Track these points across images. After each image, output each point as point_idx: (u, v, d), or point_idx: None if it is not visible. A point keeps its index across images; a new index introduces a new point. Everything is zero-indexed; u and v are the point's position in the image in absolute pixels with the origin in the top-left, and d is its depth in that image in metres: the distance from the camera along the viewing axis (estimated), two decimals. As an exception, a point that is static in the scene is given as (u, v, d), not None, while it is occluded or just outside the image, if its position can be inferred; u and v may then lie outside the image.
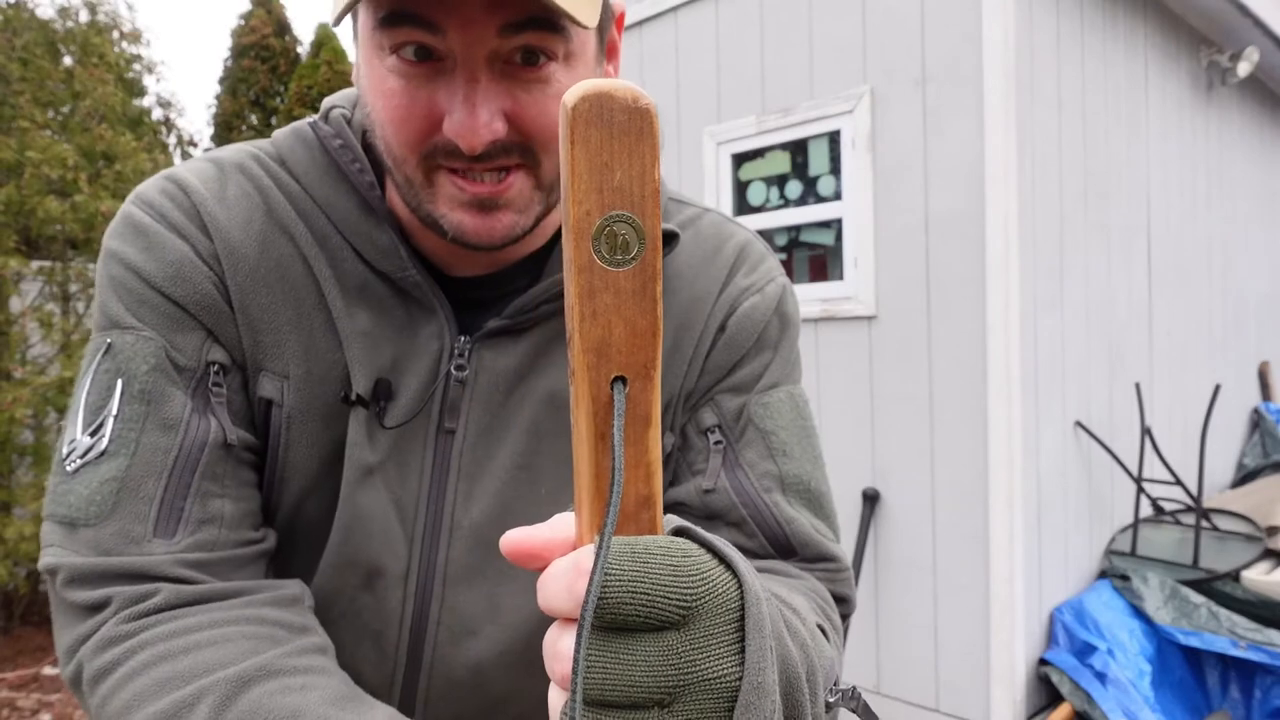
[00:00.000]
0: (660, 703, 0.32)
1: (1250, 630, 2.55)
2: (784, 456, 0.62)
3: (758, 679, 0.32)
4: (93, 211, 3.62)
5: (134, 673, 0.48)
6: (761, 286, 0.66)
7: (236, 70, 8.39)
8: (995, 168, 2.53)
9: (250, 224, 0.57)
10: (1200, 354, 3.95)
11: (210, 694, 0.46)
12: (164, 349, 0.54)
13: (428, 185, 0.53)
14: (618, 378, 0.31)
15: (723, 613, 0.33)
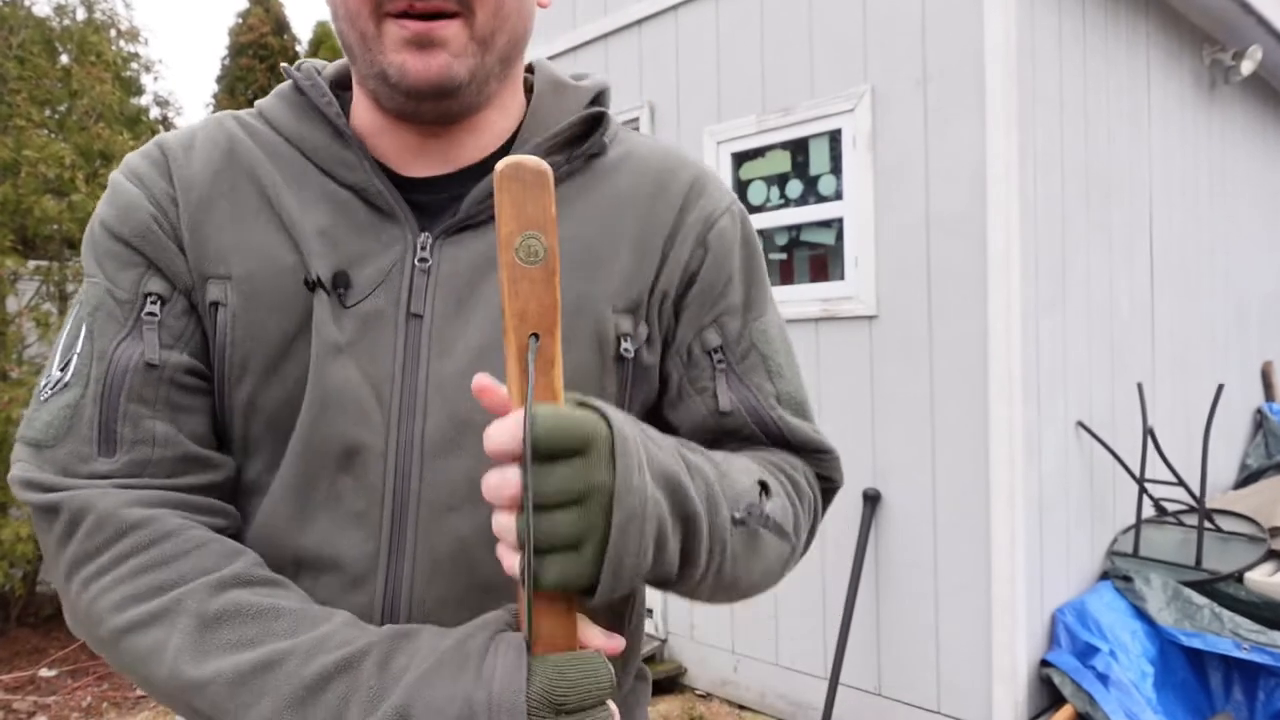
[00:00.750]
0: (575, 502, 0.47)
1: (1253, 632, 2.54)
2: (780, 378, 0.71)
3: (628, 481, 0.48)
4: (90, 211, 3.60)
5: (115, 582, 0.54)
6: (728, 206, 0.72)
7: (234, 69, 8.37)
8: (996, 167, 2.52)
9: (209, 162, 0.64)
10: (1203, 354, 3.94)
11: (193, 595, 0.53)
12: (108, 290, 0.61)
13: (377, 33, 0.59)
14: (533, 334, 0.49)
15: (605, 444, 0.48)
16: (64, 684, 3.53)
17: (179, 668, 0.52)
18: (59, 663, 3.73)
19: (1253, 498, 3.54)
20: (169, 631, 0.52)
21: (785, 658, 3.10)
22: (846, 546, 2.90)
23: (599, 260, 0.65)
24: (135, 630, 0.53)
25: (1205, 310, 3.97)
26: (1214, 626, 2.59)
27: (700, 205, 0.70)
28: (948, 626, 2.67)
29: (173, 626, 0.53)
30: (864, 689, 2.86)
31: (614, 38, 3.66)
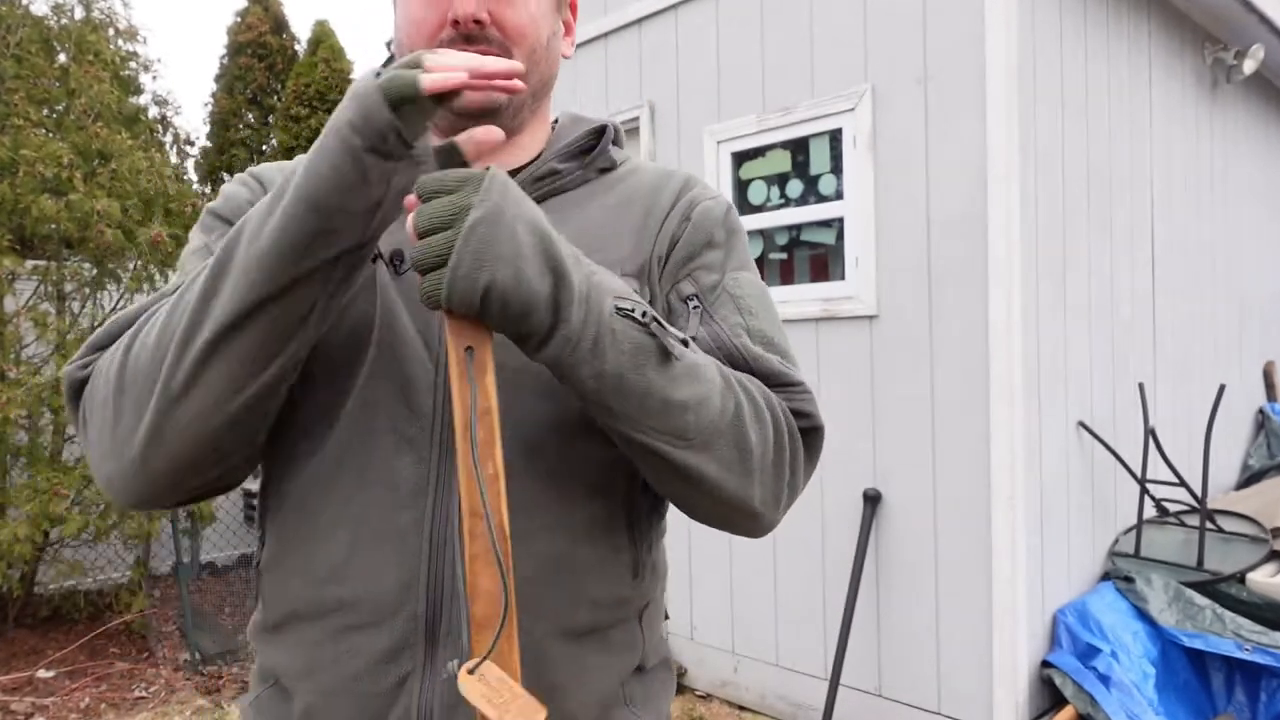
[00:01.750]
0: (446, 226, 0.58)
1: (1255, 632, 2.53)
2: (750, 315, 0.77)
3: (487, 197, 0.58)
4: (88, 210, 3.59)
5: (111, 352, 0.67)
6: (713, 196, 0.84)
7: (233, 68, 8.36)
8: (997, 166, 2.51)
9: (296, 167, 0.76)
10: (1204, 354, 3.93)
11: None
12: (206, 244, 0.74)
13: None
14: (468, 347, 0.60)
15: (477, 180, 0.59)
16: (62, 685, 3.52)
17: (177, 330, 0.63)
18: (57, 664, 3.72)
19: (1254, 498, 3.53)
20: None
21: (785, 658, 3.09)
22: (847, 547, 2.89)
23: (607, 240, 0.76)
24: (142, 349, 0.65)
25: (1207, 310, 3.96)
26: (1216, 627, 2.58)
27: (691, 193, 0.83)
28: (948, 627, 2.66)
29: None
30: (864, 690, 2.86)
31: (614, 37, 3.65)
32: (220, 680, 3.65)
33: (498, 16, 0.73)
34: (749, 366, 0.74)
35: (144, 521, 3.75)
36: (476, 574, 0.59)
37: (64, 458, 3.96)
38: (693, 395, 0.65)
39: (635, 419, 0.64)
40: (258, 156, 8.33)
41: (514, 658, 0.59)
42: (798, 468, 0.75)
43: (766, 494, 0.71)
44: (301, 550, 0.71)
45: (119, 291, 4.14)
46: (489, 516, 0.59)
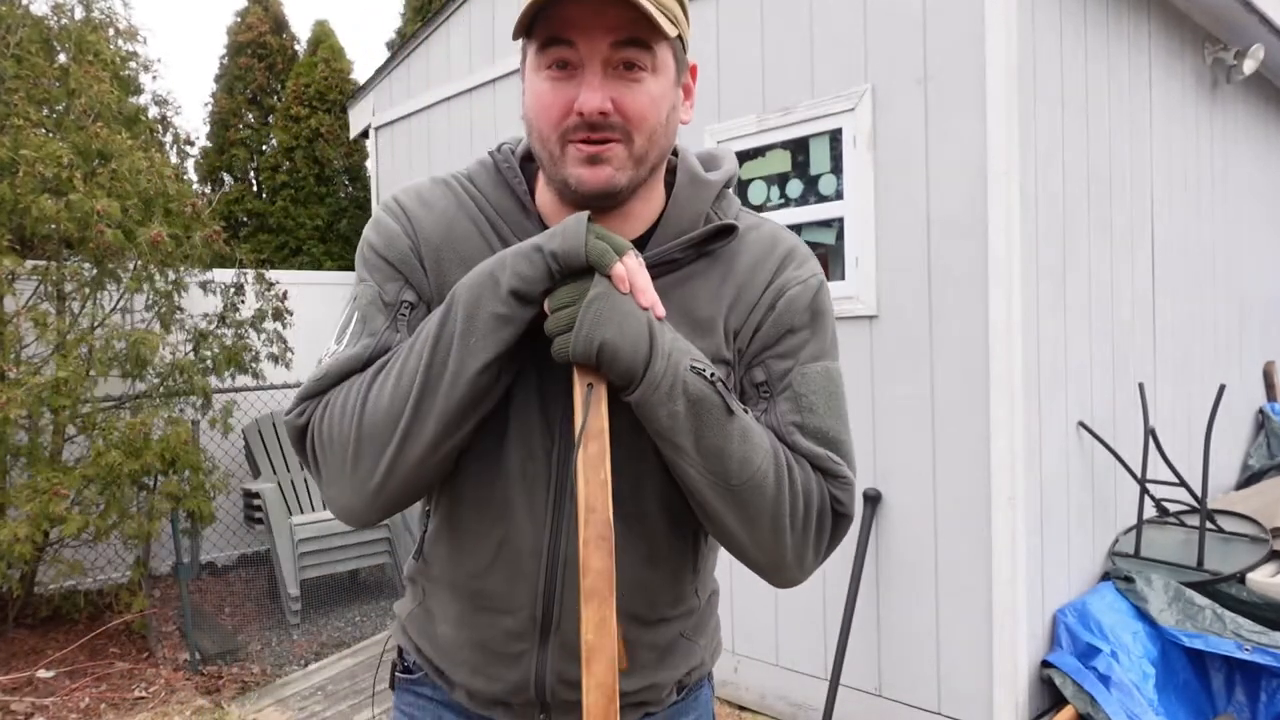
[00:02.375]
0: (572, 304, 0.77)
1: (1255, 633, 2.53)
2: (809, 412, 0.87)
3: (600, 288, 0.77)
4: (88, 210, 3.58)
5: (329, 402, 0.85)
6: (804, 279, 0.92)
7: (233, 68, 8.35)
8: (997, 166, 2.50)
9: (444, 215, 0.91)
10: (1204, 354, 3.93)
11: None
12: (378, 292, 0.89)
13: (561, 154, 0.82)
14: (589, 384, 0.78)
15: (593, 276, 0.78)
16: (62, 685, 3.52)
17: (389, 394, 0.82)
18: (57, 664, 3.72)
19: (1255, 498, 3.53)
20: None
21: (785, 659, 3.09)
22: (847, 547, 2.89)
23: (701, 323, 0.88)
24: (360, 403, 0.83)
25: (1207, 310, 3.95)
26: (1216, 627, 2.58)
27: (783, 277, 0.91)
28: (948, 627, 2.66)
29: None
30: (864, 690, 2.85)
31: (613, 36, 3.65)
32: (220, 680, 3.65)
33: (620, 105, 0.80)
34: (801, 457, 0.87)
35: (144, 522, 3.75)
36: (589, 555, 0.76)
37: (64, 458, 3.96)
38: (740, 449, 0.80)
39: (692, 457, 0.80)
40: (257, 156, 8.32)
41: (613, 616, 0.76)
42: (823, 542, 0.87)
43: (792, 555, 0.85)
44: (454, 549, 0.92)
45: (119, 291, 4.14)
46: (598, 511, 0.77)
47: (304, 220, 7.94)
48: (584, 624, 0.76)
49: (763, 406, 0.88)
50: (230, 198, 7.92)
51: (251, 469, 5.13)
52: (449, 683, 0.98)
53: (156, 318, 4.16)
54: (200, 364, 4.14)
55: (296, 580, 4.40)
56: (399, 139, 5.11)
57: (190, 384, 4.02)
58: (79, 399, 3.60)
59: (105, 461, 3.46)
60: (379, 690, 3.45)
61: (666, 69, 0.83)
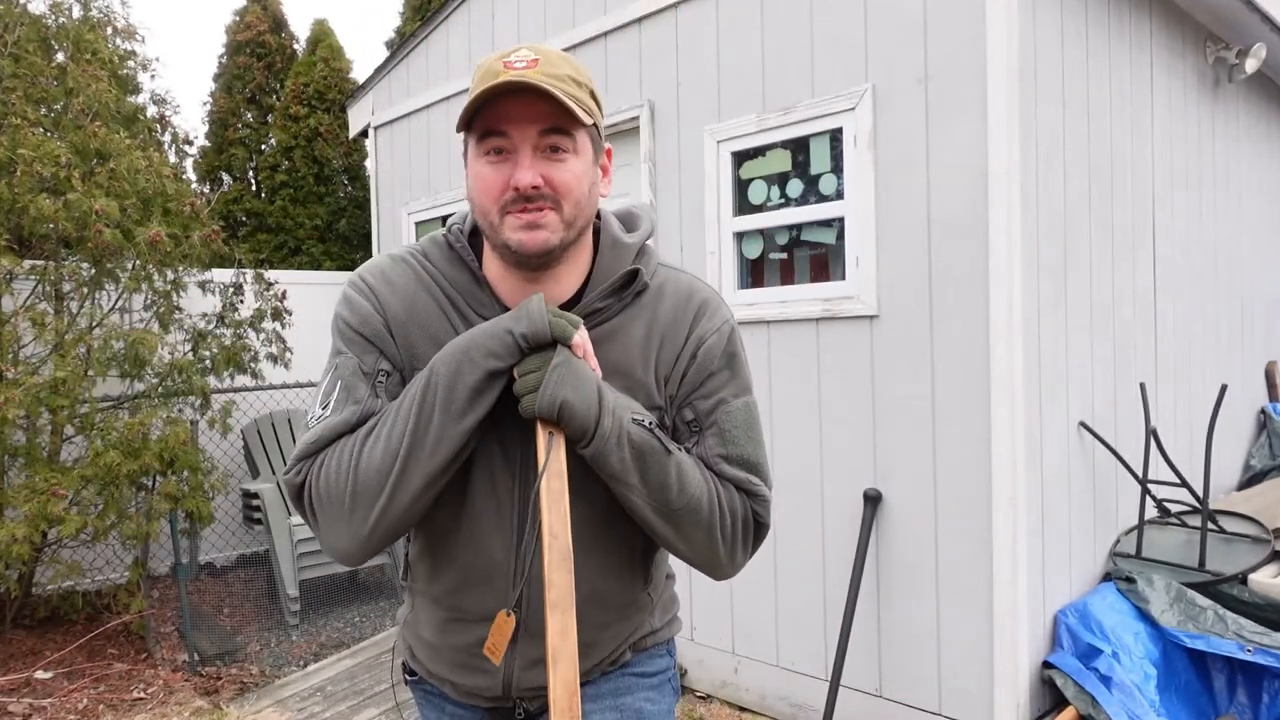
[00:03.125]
0: (538, 369, 0.94)
1: (1257, 633, 2.52)
2: (733, 444, 1.06)
3: (561, 357, 0.94)
4: (86, 210, 3.57)
5: (327, 460, 1.00)
6: (718, 328, 1.08)
7: (232, 67, 8.33)
8: (998, 166, 2.50)
9: (406, 293, 1.05)
10: (1206, 354, 3.92)
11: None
12: (358, 363, 1.03)
13: (500, 223, 0.97)
14: (550, 432, 0.96)
15: (554, 348, 0.95)
16: (60, 686, 3.51)
17: (380, 453, 0.96)
18: (55, 665, 3.71)
19: (1256, 499, 3.53)
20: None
21: (786, 659, 3.08)
22: (847, 547, 2.88)
23: (635, 367, 1.04)
24: (353, 464, 0.98)
25: (1208, 310, 3.95)
26: (1217, 628, 2.57)
27: (700, 328, 1.07)
28: (949, 628, 2.65)
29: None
30: (865, 690, 2.85)
31: (614, 36, 3.64)
32: (219, 681, 3.64)
33: (549, 179, 0.95)
34: (726, 481, 1.06)
35: (142, 522, 3.74)
36: (552, 573, 0.91)
37: (62, 458, 3.95)
38: (678, 481, 0.99)
39: (639, 490, 0.97)
40: (256, 156, 8.31)
41: (574, 624, 0.91)
42: (749, 546, 1.09)
43: (725, 558, 1.06)
44: (432, 569, 1.09)
45: (117, 291, 4.13)
46: (560, 537, 0.93)
47: (303, 220, 7.93)
48: (549, 631, 0.90)
49: (694, 440, 1.06)
50: (229, 197, 7.91)
51: (250, 469, 5.12)
52: (438, 679, 1.14)
53: (155, 318, 4.15)
54: (199, 364, 4.13)
55: (295, 581, 4.39)
56: (398, 138, 5.10)
57: (189, 384, 4.01)
58: (77, 399, 3.59)
59: (103, 462, 3.45)
60: (384, 689, 3.45)
61: (585, 151, 0.99)
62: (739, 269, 3.27)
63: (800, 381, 3.01)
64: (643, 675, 1.17)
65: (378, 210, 5.34)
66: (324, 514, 0.99)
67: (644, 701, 1.16)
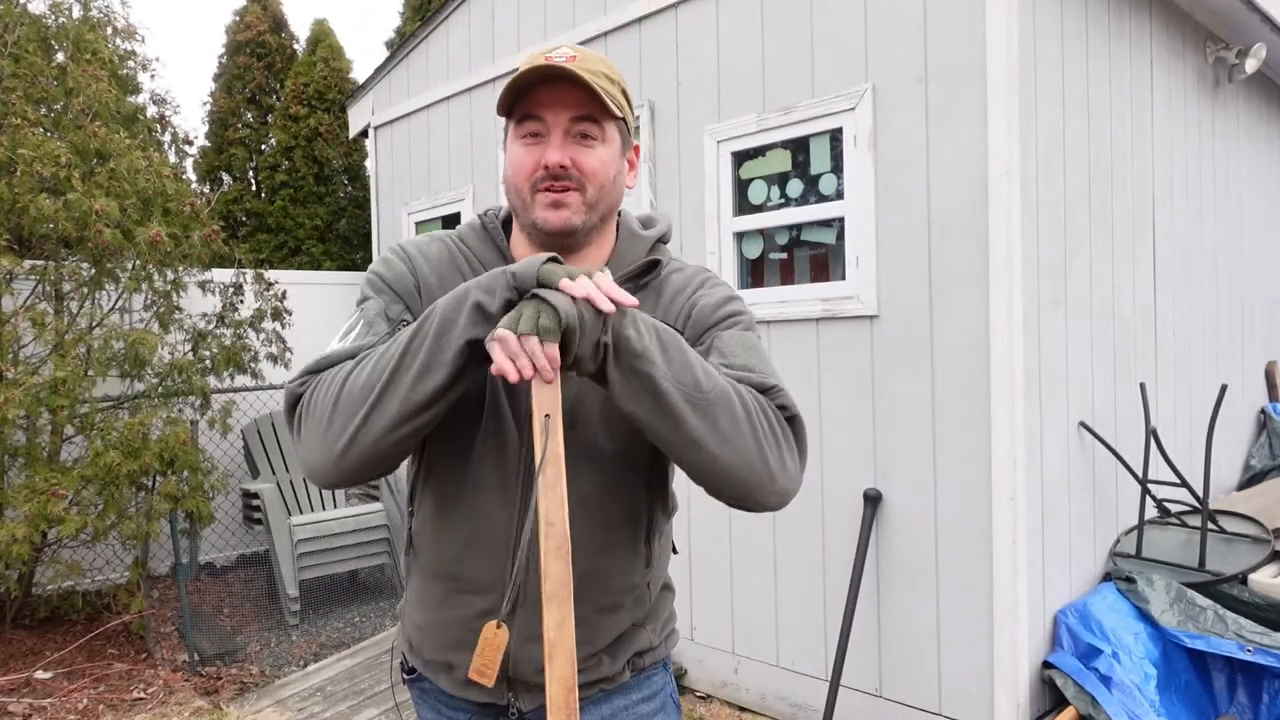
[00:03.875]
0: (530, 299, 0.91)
1: (1257, 633, 2.52)
2: (731, 356, 1.04)
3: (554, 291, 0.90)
4: (86, 210, 3.57)
5: (321, 381, 1.00)
6: (711, 293, 1.12)
7: (232, 67, 8.33)
8: (998, 165, 2.50)
9: (439, 265, 1.13)
10: (1206, 354, 3.92)
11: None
12: (384, 307, 1.07)
13: (531, 200, 1.04)
14: (546, 415, 0.89)
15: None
16: (60, 686, 3.51)
17: (363, 384, 0.96)
18: (55, 665, 3.71)
19: (1256, 499, 3.53)
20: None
21: (786, 659, 3.08)
22: (847, 547, 2.88)
23: None
24: (337, 391, 0.97)
25: (1208, 310, 3.95)
26: (1217, 628, 2.57)
27: (694, 297, 1.11)
28: (949, 628, 2.65)
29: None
30: (865, 690, 2.85)
31: (614, 36, 3.64)
32: (219, 681, 3.64)
33: (576, 162, 1.02)
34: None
35: (142, 522, 3.74)
36: (549, 564, 0.88)
37: (62, 458, 3.95)
38: (702, 365, 0.95)
39: (666, 372, 0.91)
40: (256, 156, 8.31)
41: (571, 617, 0.88)
42: (790, 445, 0.99)
43: (775, 462, 0.96)
44: (435, 538, 1.10)
45: (117, 291, 4.13)
46: (556, 525, 0.89)
47: (303, 220, 7.93)
48: (545, 624, 0.87)
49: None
50: (229, 197, 7.91)
51: (250, 469, 5.12)
52: (434, 668, 1.14)
53: (155, 317, 4.16)
54: (199, 364, 4.13)
55: (295, 581, 4.39)
56: (398, 138, 5.10)
57: (189, 384, 4.01)
58: (77, 399, 3.59)
59: (103, 462, 3.45)
60: (384, 689, 3.45)
61: (613, 141, 1.07)
62: (739, 269, 3.27)
63: (800, 381, 3.01)
64: (646, 699, 1.17)
65: (378, 210, 5.33)
66: (306, 426, 0.98)
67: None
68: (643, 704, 1.16)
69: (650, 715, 1.17)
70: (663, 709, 1.19)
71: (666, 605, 1.23)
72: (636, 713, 1.15)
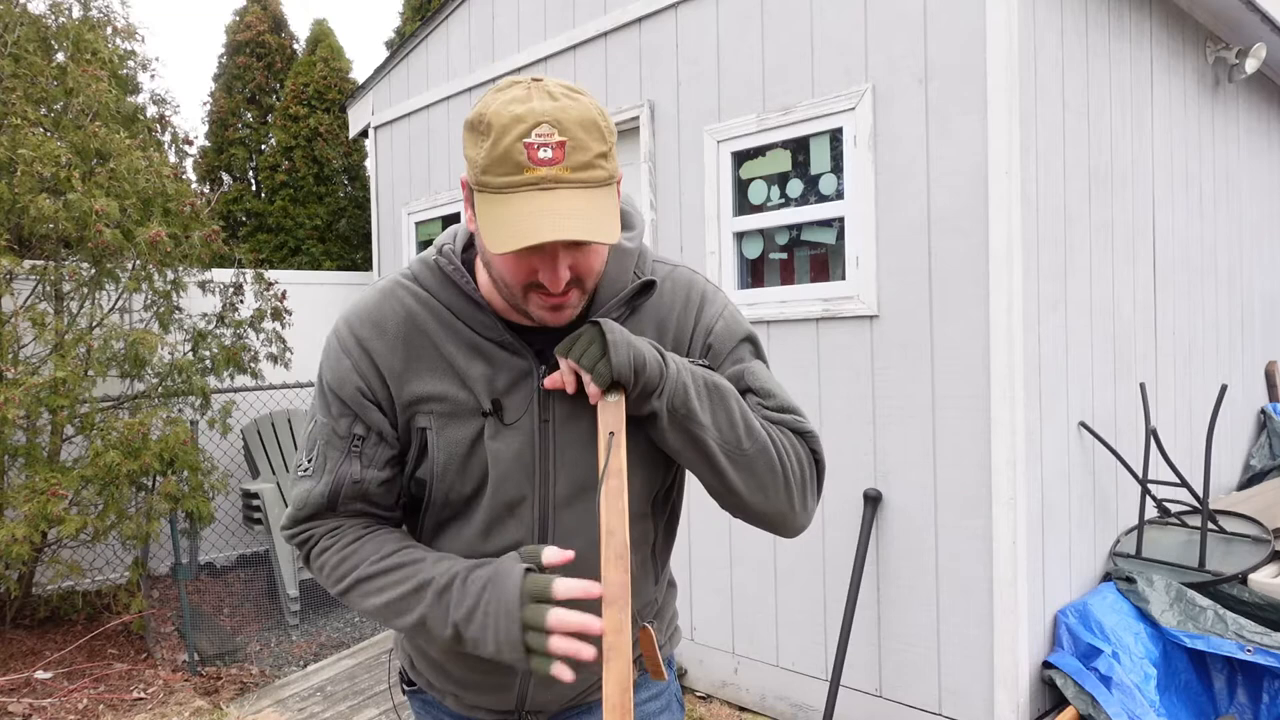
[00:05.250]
0: (595, 342, 0.93)
1: (1257, 633, 2.52)
2: (770, 395, 1.05)
3: (610, 332, 0.92)
4: (86, 210, 3.57)
5: (322, 550, 1.04)
6: (720, 313, 1.10)
7: (231, 67, 8.34)
8: (998, 165, 2.50)
9: (399, 333, 1.02)
10: (1206, 354, 3.92)
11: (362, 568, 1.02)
12: (332, 427, 1.03)
13: (524, 299, 0.95)
14: (611, 432, 0.93)
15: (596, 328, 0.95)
16: (60, 686, 3.51)
17: (361, 603, 1.01)
18: (55, 665, 3.71)
19: (1257, 498, 3.52)
20: (356, 590, 1.02)
21: (786, 659, 3.08)
22: (847, 548, 2.88)
23: None
24: (341, 588, 1.03)
25: (1209, 310, 3.95)
26: (1218, 628, 2.57)
27: (705, 318, 1.09)
28: (949, 628, 2.65)
29: (355, 584, 1.02)
30: (865, 691, 2.85)
31: (613, 36, 3.64)
32: (219, 681, 3.64)
33: (575, 267, 0.92)
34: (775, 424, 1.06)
35: (142, 522, 3.74)
36: (609, 570, 0.89)
37: (62, 458, 3.95)
38: (744, 420, 0.98)
39: (713, 431, 0.96)
40: (256, 156, 8.31)
41: (629, 621, 0.88)
42: (816, 487, 1.06)
43: (799, 504, 1.02)
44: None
45: (117, 291, 4.13)
46: (617, 534, 0.91)
47: (303, 220, 7.93)
48: (605, 628, 0.88)
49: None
50: (229, 197, 7.91)
51: (250, 469, 5.12)
52: (439, 692, 1.15)
53: (155, 318, 4.16)
54: (199, 364, 4.13)
55: (296, 581, 4.39)
56: (398, 138, 5.10)
57: (189, 384, 4.01)
58: (77, 399, 3.59)
59: (103, 462, 3.45)
60: (384, 689, 3.45)
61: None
62: (739, 269, 3.27)
63: (800, 381, 3.01)
64: (652, 698, 1.19)
65: (378, 210, 5.33)
66: (316, 576, 1.07)
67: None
68: (649, 702, 1.18)
69: (656, 714, 1.19)
70: (668, 708, 1.21)
71: (670, 604, 1.25)
72: (644, 711, 1.17)
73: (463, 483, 1.01)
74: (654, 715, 1.19)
